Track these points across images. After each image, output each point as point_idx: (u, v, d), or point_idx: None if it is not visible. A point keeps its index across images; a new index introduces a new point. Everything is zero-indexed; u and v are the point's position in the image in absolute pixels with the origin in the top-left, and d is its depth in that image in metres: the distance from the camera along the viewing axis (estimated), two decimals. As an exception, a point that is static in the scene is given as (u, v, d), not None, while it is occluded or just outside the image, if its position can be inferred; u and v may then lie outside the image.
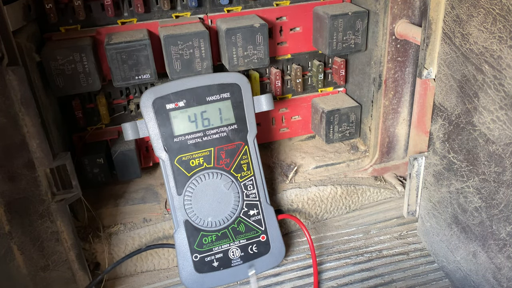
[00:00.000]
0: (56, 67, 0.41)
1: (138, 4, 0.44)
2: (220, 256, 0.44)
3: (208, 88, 0.43)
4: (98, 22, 0.45)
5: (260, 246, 0.46)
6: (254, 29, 0.44)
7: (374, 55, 0.50)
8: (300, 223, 0.47)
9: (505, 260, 0.36)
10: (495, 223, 0.36)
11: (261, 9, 0.49)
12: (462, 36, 0.35)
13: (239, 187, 0.45)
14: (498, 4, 0.30)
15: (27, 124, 0.33)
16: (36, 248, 0.37)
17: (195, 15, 0.47)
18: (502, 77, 0.32)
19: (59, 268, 0.39)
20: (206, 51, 0.44)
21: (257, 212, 0.45)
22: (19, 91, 0.32)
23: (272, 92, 0.53)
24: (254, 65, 0.46)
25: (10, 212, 0.34)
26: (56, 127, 0.44)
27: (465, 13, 0.34)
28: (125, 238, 0.47)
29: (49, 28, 0.44)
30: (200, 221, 0.43)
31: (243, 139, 0.44)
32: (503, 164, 0.33)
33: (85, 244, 0.45)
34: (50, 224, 0.37)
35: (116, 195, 0.51)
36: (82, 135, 0.50)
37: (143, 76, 0.44)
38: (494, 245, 0.37)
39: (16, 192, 0.34)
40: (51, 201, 0.36)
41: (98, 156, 0.48)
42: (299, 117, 0.58)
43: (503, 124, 0.33)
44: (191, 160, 0.43)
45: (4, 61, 0.31)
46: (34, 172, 0.35)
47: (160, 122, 0.42)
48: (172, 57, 0.43)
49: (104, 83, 0.47)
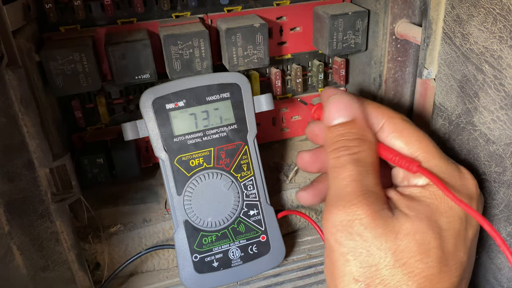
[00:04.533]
0: (56, 67, 0.41)
1: (138, 4, 0.44)
2: (220, 257, 0.44)
3: (208, 88, 0.43)
4: (98, 21, 0.45)
5: (260, 246, 0.46)
6: (254, 29, 0.44)
7: (374, 55, 0.50)
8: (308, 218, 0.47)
9: (505, 260, 0.36)
10: (496, 223, 0.36)
11: (261, 8, 0.49)
12: (462, 36, 0.35)
13: (239, 187, 0.44)
14: (498, 3, 0.30)
15: (26, 124, 0.33)
16: (35, 248, 0.37)
17: (195, 15, 0.47)
18: (503, 77, 0.32)
19: (58, 269, 0.39)
20: (206, 51, 0.44)
21: (257, 212, 0.45)
22: (19, 91, 0.32)
23: (272, 92, 0.53)
24: (254, 65, 0.46)
25: (10, 212, 0.34)
26: (55, 127, 0.44)
27: (465, 12, 0.34)
28: (125, 238, 0.47)
29: (49, 28, 0.44)
30: (200, 221, 0.43)
31: (243, 139, 0.44)
32: (503, 164, 0.33)
33: (85, 245, 0.45)
34: (50, 224, 0.37)
35: (116, 195, 0.51)
36: (82, 135, 0.50)
37: (143, 76, 0.44)
38: (494, 245, 0.37)
39: (16, 192, 0.34)
40: (51, 201, 0.36)
41: (97, 156, 0.48)
42: (299, 117, 0.58)
43: (504, 124, 0.32)
44: (191, 160, 0.43)
45: (3, 61, 0.31)
46: (34, 172, 0.35)
47: (160, 122, 0.42)
48: (172, 57, 0.43)
49: (103, 83, 0.47)
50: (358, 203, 0.31)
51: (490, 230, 0.28)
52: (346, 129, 0.34)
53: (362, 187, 0.32)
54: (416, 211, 0.31)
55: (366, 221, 0.30)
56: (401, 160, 0.33)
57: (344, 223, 0.31)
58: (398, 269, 0.30)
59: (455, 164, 0.33)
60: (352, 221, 0.31)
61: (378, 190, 0.32)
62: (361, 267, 0.30)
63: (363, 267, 0.30)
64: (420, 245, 0.30)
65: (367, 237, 0.30)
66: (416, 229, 0.30)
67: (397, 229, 0.30)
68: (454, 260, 0.31)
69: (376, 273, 0.30)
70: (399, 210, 0.31)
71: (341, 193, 0.32)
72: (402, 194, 0.33)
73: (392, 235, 0.30)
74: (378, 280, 0.30)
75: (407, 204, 0.32)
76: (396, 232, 0.30)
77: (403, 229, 0.30)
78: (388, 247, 0.30)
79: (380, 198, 0.32)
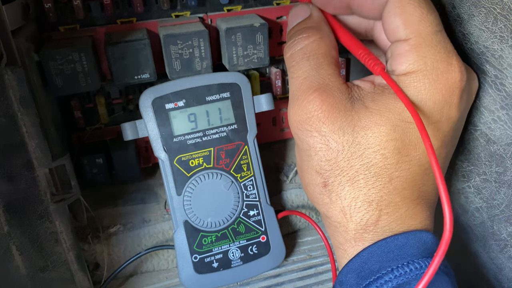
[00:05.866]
0: (55, 67, 0.41)
1: (137, 4, 0.44)
2: (220, 257, 0.44)
3: (207, 88, 0.43)
4: (97, 21, 0.45)
5: (260, 246, 0.45)
6: (254, 28, 0.44)
7: (375, 55, 0.50)
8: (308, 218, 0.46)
9: (506, 260, 0.36)
10: (496, 223, 0.36)
11: (261, 8, 0.49)
12: (463, 36, 0.34)
13: (239, 188, 0.44)
14: (499, 3, 0.30)
15: (26, 124, 0.33)
16: (35, 249, 0.36)
17: (195, 14, 0.47)
18: (503, 76, 0.31)
19: (58, 269, 0.38)
20: (206, 50, 0.44)
21: (257, 213, 0.45)
22: (18, 91, 0.32)
23: (272, 92, 0.53)
24: (254, 64, 0.46)
25: (9, 212, 0.34)
26: (55, 127, 0.44)
27: (466, 12, 0.34)
28: (124, 239, 0.46)
29: (48, 28, 0.44)
30: (199, 222, 0.43)
31: (243, 139, 0.44)
32: (504, 164, 0.33)
33: (84, 245, 0.45)
34: (49, 225, 0.37)
35: (116, 196, 0.51)
36: (81, 135, 0.50)
37: (143, 76, 0.44)
38: (495, 245, 0.37)
39: (15, 192, 0.34)
40: (50, 202, 0.36)
41: (97, 156, 0.48)
42: (299, 117, 0.57)
43: (504, 124, 0.32)
44: (191, 160, 0.43)
45: (3, 60, 0.31)
46: (33, 173, 0.35)
47: (160, 122, 0.42)
48: (171, 56, 0.43)
49: (103, 83, 0.47)
50: (313, 100, 0.31)
51: (421, 131, 0.28)
52: (299, 25, 0.35)
53: (315, 82, 0.32)
54: (380, 104, 0.31)
55: (323, 116, 0.31)
56: (366, 58, 0.32)
57: (303, 121, 0.32)
58: (356, 160, 0.31)
59: (448, 55, 0.31)
60: (309, 119, 0.31)
61: (334, 81, 0.32)
62: (321, 161, 0.32)
63: (322, 161, 0.32)
64: (376, 138, 0.30)
65: (325, 132, 0.31)
66: (375, 123, 0.30)
67: (355, 122, 0.31)
68: (418, 151, 0.31)
69: (335, 165, 0.31)
70: (361, 102, 0.31)
71: (297, 93, 0.32)
72: (375, 85, 0.32)
73: (350, 128, 0.31)
74: (337, 171, 0.31)
75: (374, 97, 0.31)
76: (353, 125, 0.31)
77: (362, 122, 0.31)
78: (346, 140, 0.31)
79: (338, 89, 0.32)
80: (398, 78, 0.31)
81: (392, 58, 0.32)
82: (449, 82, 0.31)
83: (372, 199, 0.31)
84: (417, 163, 0.31)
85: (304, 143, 0.32)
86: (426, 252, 0.30)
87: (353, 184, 0.31)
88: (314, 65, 0.32)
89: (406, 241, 0.30)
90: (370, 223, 0.31)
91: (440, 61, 0.31)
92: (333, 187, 0.32)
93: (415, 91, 0.30)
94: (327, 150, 0.31)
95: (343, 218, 0.32)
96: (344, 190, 0.31)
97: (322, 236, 0.45)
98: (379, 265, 0.30)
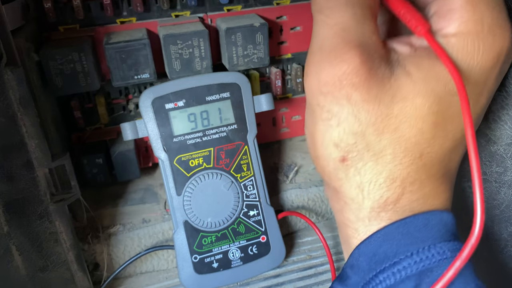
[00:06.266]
0: (55, 67, 0.41)
1: (137, 3, 0.44)
2: (220, 257, 0.44)
3: (207, 88, 0.43)
4: (97, 21, 0.45)
5: (260, 247, 0.45)
6: (254, 28, 0.44)
7: (375, 55, 0.50)
8: (307, 220, 0.46)
9: (506, 260, 0.36)
10: (496, 223, 0.36)
11: (261, 8, 0.49)
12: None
13: (239, 188, 0.44)
14: None
15: (25, 124, 0.33)
16: (34, 249, 0.36)
17: (195, 14, 0.47)
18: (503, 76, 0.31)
19: (58, 269, 0.38)
20: (206, 50, 0.44)
21: (257, 213, 0.45)
22: (18, 91, 0.32)
23: (272, 92, 0.53)
24: (254, 64, 0.46)
25: (9, 212, 0.34)
26: (55, 127, 0.44)
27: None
28: (124, 239, 0.46)
29: (48, 28, 0.44)
30: (199, 222, 0.43)
31: (243, 139, 0.44)
32: (504, 164, 0.33)
33: (84, 245, 0.45)
34: (49, 225, 0.37)
35: (115, 196, 0.51)
36: (81, 135, 0.50)
37: (142, 76, 0.44)
38: (495, 245, 0.37)
39: (15, 192, 0.34)
40: (50, 202, 0.36)
41: (97, 156, 0.48)
42: (300, 117, 0.57)
43: (505, 124, 0.32)
44: (191, 160, 0.43)
45: (2, 60, 0.31)
46: (33, 173, 0.35)
47: (160, 122, 0.42)
48: (171, 56, 0.43)
49: (103, 83, 0.47)
50: (349, 59, 0.25)
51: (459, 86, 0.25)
52: None
53: (355, 38, 0.26)
54: (425, 71, 0.26)
55: (358, 81, 0.25)
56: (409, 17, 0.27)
57: (329, 83, 0.26)
58: (387, 134, 0.26)
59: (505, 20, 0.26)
60: (339, 82, 0.26)
61: (375, 41, 0.26)
62: (344, 133, 0.27)
63: (346, 133, 0.27)
64: (417, 110, 0.26)
65: (356, 101, 0.26)
66: (418, 93, 0.26)
67: (394, 91, 0.26)
68: (454, 125, 0.27)
69: (360, 139, 0.27)
70: (402, 68, 0.26)
71: (327, 45, 0.27)
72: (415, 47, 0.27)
73: (388, 98, 0.26)
74: (362, 145, 0.27)
75: (417, 62, 0.26)
76: (392, 95, 0.26)
77: (402, 91, 0.26)
78: (380, 111, 0.26)
79: (378, 51, 0.26)
80: (445, 40, 0.26)
81: (438, 15, 0.27)
82: (502, 50, 0.26)
83: (397, 175, 0.27)
84: (451, 138, 0.28)
85: (325, 110, 0.27)
86: (447, 234, 0.27)
87: (377, 159, 0.27)
88: (359, 15, 0.26)
89: (427, 222, 0.27)
90: (390, 202, 0.28)
91: (497, 25, 0.26)
92: (353, 162, 0.27)
93: (464, 56, 0.26)
94: (354, 121, 0.26)
95: (359, 194, 0.28)
96: (366, 166, 0.27)
97: (321, 237, 0.45)
98: (396, 249, 0.27)
